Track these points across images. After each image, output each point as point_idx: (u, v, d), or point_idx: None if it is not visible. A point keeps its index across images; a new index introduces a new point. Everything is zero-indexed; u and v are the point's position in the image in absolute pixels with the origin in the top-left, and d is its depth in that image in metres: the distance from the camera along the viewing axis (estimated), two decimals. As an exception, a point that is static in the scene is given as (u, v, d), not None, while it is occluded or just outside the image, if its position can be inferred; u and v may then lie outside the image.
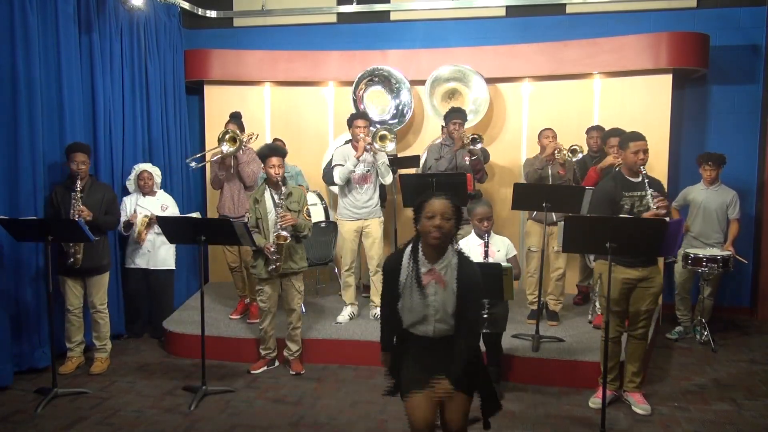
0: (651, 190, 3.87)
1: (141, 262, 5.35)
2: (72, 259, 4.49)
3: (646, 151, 3.91)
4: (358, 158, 5.06)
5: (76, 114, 4.98)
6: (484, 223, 4.12)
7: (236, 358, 4.92)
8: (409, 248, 2.73)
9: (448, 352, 2.71)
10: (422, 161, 5.71)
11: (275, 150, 4.57)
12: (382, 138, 5.09)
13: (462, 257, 2.71)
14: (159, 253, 5.36)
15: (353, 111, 6.06)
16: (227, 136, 5.18)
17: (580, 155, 5.21)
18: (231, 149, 5.19)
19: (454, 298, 2.64)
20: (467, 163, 5.27)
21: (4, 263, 4.39)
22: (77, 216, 4.39)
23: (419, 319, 2.69)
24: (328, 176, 5.47)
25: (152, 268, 5.37)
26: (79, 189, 4.49)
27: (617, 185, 3.95)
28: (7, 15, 4.36)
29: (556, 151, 5.13)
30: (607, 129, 5.50)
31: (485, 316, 4.01)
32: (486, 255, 4.09)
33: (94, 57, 5.21)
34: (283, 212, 4.44)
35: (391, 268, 2.75)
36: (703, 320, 5.31)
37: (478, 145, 5.21)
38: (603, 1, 6.20)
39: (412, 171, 5.77)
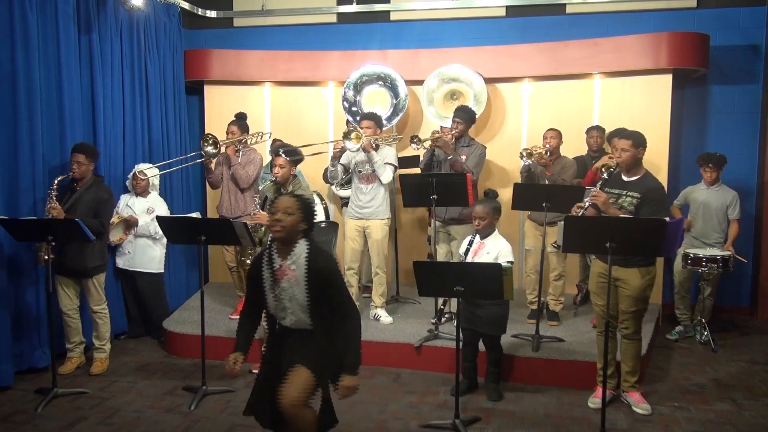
0: (618, 189, 3.90)
1: (120, 262, 5.34)
2: (44, 257, 4.30)
3: (620, 150, 3.91)
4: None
5: (76, 114, 4.98)
6: (476, 221, 4.12)
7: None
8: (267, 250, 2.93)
9: (304, 342, 2.87)
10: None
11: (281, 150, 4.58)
12: (346, 135, 5.01)
13: (313, 249, 2.82)
14: (140, 256, 5.31)
15: (347, 115, 6.10)
16: (210, 140, 5.18)
17: (525, 162, 5.09)
18: (214, 151, 5.19)
19: (305, 290, 2.79)
20: (447, 161, 5.18)
21: (3, 263, 4.38)
22: (48, 214, 4.35)
23: (279, 313, 2.89)
24: (325, 175, 5.52)
25: (131, 269, 5.33)
26: (55, 187, 4.42)
27: (604, 183, 3.96)
28: (7, 15, 4.35)
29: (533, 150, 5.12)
30: (607, 129, 5.52)
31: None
32: (467, 254, 4.09)
33: (94, 57, 5.21)
34: (256, 210, 4.47)
35: (254, 267, 2.95)
36: (703, 320, 5.31)
37: (413, 145, 5.19)
38: (603, 1, 6.20)
39: (412, 171, 5.76)
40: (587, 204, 3.86)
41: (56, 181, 4.45)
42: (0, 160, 4.34)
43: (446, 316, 5.17)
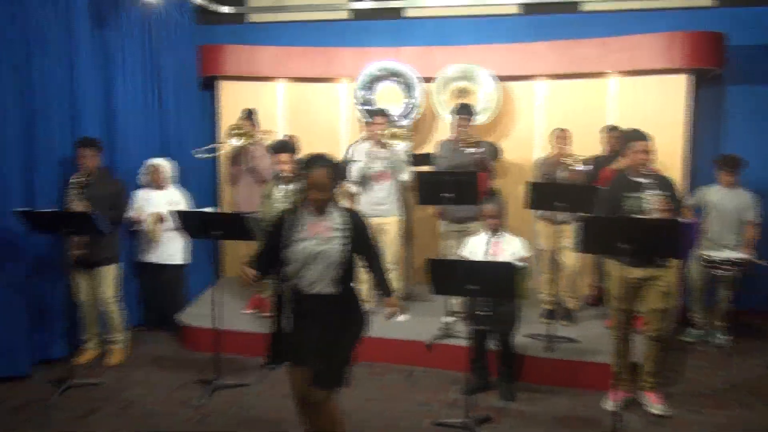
0: (657, 191, 3.84)
1: (150, 256, 5.37)
2: (74, 253, 4.48)
3: (648, 152, 3.90)
4: (371, 156, 5.06)
5: (90, 110, 5.01)
6: (490, 220, 4.14)
7: (249, 353, 4.93)
8: (294, 207, 3.06)
9: (328, 320, 2.92)
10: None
11: (284, 146, 4.62)
12: (394, 135, 5.09)
13: (349, 211, 3.04)
14: (167, 248, 5.35)
15: (358, 113, 6.09)
16: (234, 131, 5.23)
17: (588, 167, 5.09)
18: (238, 143, 5.23)
19: (340, 246, 2.91)
20: (472, 158, 5.17)
21: (22, 255, 4.42)
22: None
23: (301, 268, 2.92)
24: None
25: (160, 262, 5.37)
26: (76, 183, 4.51)
27: (620, 187, 3.95)
28: (22, 11, 4.38)
29: (563, 158, 5.10)
30: (622, 129, 5.46)
31: (489, 313, 4.01)
32: (488, 252, 4.10)
33: (108, 53, 5.23)
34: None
35: (284, 217, 3.04)
36: (719, 323, 5.27)
37: (473, 149, 5.14)
38: (617, -2, 6.16)
39: (424, 169, 5.75)
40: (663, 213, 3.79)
41: (73, 181, 4.51)
42: (17, 155, 4.38)
43: (458, 315, 5.16)
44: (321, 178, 2.90)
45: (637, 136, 3.94)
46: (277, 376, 4.54)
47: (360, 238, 2.99)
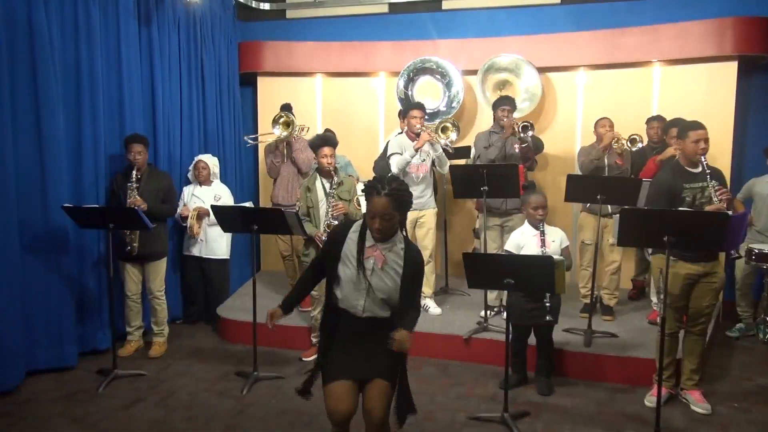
0: (714, 182, 3.72)
1: (195, 250, 5.51)
2: (129, 247, 4.66)
3: (706, 141, 3.76)
4: (417, 149, 5.02)
5: (136, 106, 5.14)
6: (538, 211, 4.08)
7: (287, 345, 5.01)
8: (359, 223, 2.81)
9: (376, 338, 2.73)
10: (472, 151, 5.65)
11: (327, 140, 4.63)
12: (444, 129, 5.10)
13: (408, 242, 2.80)
14: (212, 243, 5.48)
15: (400, 106, 6.07)
16: (281, 120, 5.30)
17: (639, 145, 5.06)
18: (284, 134, 5.30)
19: (395, 279, 2.72)
20: (516, 151, 5.18)
21: (69, 249, 4.57)
22: (133, 206, 4.53)
23: (352, 292, 2.74)
24: (380, 167, 5.48)
25: (205, 256, 5.51)
26: (134, 179, 4.63)
27: (676, 177, 3.81)
28: (71, 9, 4.53)
29: (613, 141, 5.00)
30: (667, 119, 5.32)
31: (547, 305, 3.96)
32: (543, 244, 4.04)
33: (153, 50, 5.36)
34: (335, 201, 4.49)
35: (336, 236, 2.83)
36: (767, 318, 5.09)
37: (529, 133, 5.12)
38: (663, -15, 5.97)
39: (462, 162, 5.72)
40: (721, 203, 3.68)
41: (134, 175, 4.62)
42: (65, 150, 4.52)
43: (495, 309, 5.13)
44: (383, 208, 2.63)
45: (695, 125, 3.80)
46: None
47: (412, 274, 2.78)
